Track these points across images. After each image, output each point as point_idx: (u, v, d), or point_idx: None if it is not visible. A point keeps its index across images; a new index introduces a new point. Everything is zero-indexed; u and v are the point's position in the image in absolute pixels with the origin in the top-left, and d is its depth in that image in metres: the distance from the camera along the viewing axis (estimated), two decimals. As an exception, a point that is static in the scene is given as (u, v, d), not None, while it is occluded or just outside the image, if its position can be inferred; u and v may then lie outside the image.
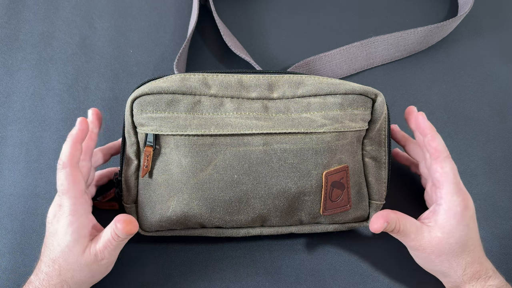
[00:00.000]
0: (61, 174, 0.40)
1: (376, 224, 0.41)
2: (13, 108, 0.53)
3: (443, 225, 0.41)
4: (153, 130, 0.41)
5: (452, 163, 0.41)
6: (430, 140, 0.41)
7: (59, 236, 0.39)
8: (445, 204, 0.41)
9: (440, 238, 0.41)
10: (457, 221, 0.40)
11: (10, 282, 0.46)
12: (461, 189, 0.41)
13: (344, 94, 0.43)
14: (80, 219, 0.40)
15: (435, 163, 0.41)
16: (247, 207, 0.43)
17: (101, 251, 0.40)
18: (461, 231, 0.40)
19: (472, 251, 0.41)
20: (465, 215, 0.41)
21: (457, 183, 0.41)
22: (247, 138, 0.41)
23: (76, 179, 0.40)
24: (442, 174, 0.41)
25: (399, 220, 0.42)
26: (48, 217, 0.41)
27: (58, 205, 0.40)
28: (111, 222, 0.40)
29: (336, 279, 0.48)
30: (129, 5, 0.60)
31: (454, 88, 0.58)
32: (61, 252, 0.39)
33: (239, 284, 0.47)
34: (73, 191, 0.40)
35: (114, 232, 0.40)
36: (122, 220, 0.40)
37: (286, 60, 0.58)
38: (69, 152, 0.40)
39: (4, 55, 0.56)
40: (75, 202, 0.40)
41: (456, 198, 0.40)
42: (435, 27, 0.57)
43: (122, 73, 0.56)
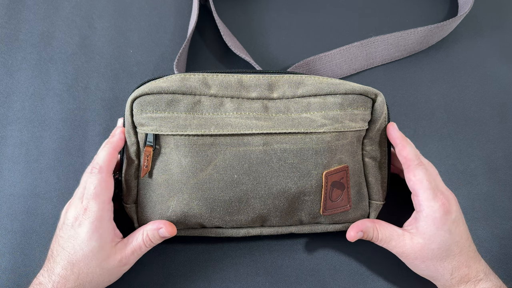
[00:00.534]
0: (95, 178, 0.40)
1: (350, 232, 0.44)
2: (13, 108, 0.53)
3: (424, 232, 0.41)
4: (153, 130, 0.41)
5: (424, 170, 0.42)
6: (400, 149, 0.43)
7: (82, 241, 0.39)
8: (423, 211, 0.41)
9: (422, 244, 0.41)
10: (436, 227, 0.40)
11: (10, 282, 0.46)
12: (439, 194, 0.41)
13: (344, 94, 0.43)
14: (106, 225, 0.40)
15: (407, 172, 0.42)
16: (247, 207, 0.43)
17: (127, 256, 0.41)
18: (442, 236, 0.40)
19: (458, 255, 0.41)
20: (446, 219, 0.40)
21: (433, 189, 0.41)
22: (247, 138, 0.41)
23: (109, 185, 0.41)
24: (415, 182, 0.41)
25: (376, 229, 0.43)
26: (67, 219, 0.40)
27: (83, 208, 0.40)
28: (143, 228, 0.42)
29: (336, 279, 0.48)
30: (129, 5, 0.60)
31: (454, 88, 0.58)
32: (83, 256, 0.39)
33: (239, 284, 0.47)
34: (104, 197, 0.40)
35: (148, 237, 0.42)
36: (163, 223, 0.42)
37: (286, 60, 0.58)
38: (107, 158, 0.41)
39: (4, 55, 0.56)
40: (103, 208, 0.40)
41: (433, 204, 0.40)
42: (435, 27, 0.57)
43: (122, 73, 0.56)
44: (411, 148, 0.43)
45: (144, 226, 0.43)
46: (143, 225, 0.44)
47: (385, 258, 0.49)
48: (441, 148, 0.55)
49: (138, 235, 0.42)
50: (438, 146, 0.55)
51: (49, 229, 0.48)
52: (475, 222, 0.52)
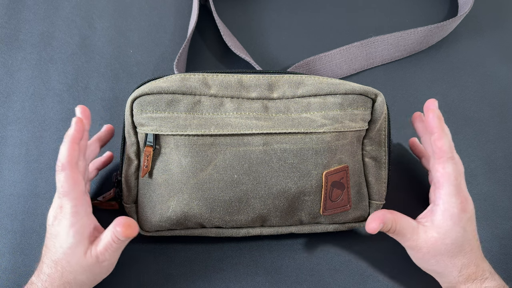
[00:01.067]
0: (61, 176, 0.39)
1: (372, 224, 0.42)
2: (13, 108, 0.53)
3: (440, 226, 0.41)
4: (153, 130, 0.41)
5: (454, 165, 0.41)
6: (436, 139, 0.41)
7: (61, 238, 0.39)
8: (443, 205, 0.41)
9: (436, 238, 0.41)
10: (453, 223, 0.40)
11: (10, 282, 0.46)
12: (460, 192, 0.41)
13: (344, 94, 0.43)
14: (82, 220, 0.40)
15: (437, 162, 0.41)
16: (247, 207, 0.43)
17: (102, 253, 0.40)
18: (457, 232, 0.40)
19: (469, 253, 0.41)
20: (462, 217, 0.40)
21: (457, 185, 0.41)
22: (247, 138, 0.41)
23: (76, 180, 0.40)
24: (443, 174, 0.41)
25: (395, 221, 0.42)
26: (49, 219, 0.40)
27: (59, 207, 0.40)
28: (111, 224, 0.40)
29: (336, 279, 0.48)
30: (129, 5, 0.60)
31: (454, 88, 0.58)
32: (63, 253, 0.39)
33: (239, 284, 0.47)
34: (74, 193, 0.39)
35: (114, 235, 0.40)
36: (121, 223, 0.40)
37: (286, 60, 0.58)
38: (68, 153, 0.39)
39: (4, 55, 0.56)
40: (76, 204, 0.39)
41: (454, 200, 0.40)
42: (435, 27, 0.57)
43: (122, 73, 0.56)
44: (447, 139, 0.41)
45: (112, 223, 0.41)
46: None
47: (385, 258, 0.49)
48: (441, 148, 0.55)
49: (107, 231, 0.40)
50: (438, 146, 0.55)
51: (49, 229, 0.48)
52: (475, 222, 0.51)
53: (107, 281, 0.45)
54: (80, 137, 0.41)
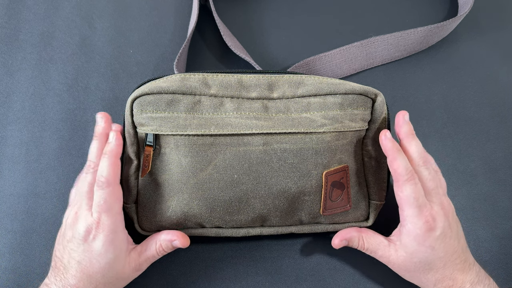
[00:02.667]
0: (104, 192, 0.39)
1: (335, 240, 0.45)
2: (13, 108, 0.53)
3: (406, 246, 0.41)
4: (153, 130, 0.41)
5: (412, 186, 0.40)
6: (391, 161, 0.41)
7: (98, 254, 0.39)
8: (406, 226, 0.41)
9: (404, 257, 0.41)
10: (418, 243, 0.40)
11: (10, 282, 0.46)
12: (423, 212, 0.40)
13: (344, 94, 0.43)
14: (120, 235, 0.40)
15: (395, 185, 0.41)
16: (247, 207, 0.43)
17: (141, 263, 0.42)
18: (423, 252, 0.40)
19: (442, 269, 0.41)
20: (428, 236, 0.40)
21: (419, 206, 0.40)
22: (247, 138, 0.41)
23: (118, 197, 0.40)
24: (401, 197, 0.40)
25: (362, 238, 0.44)
26: (79, 233, 0.39)
27: (95, 222, 0.39)
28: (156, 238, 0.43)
29: (336, 279, 0.48)
30: (129, 5, 0.60)
31: (454, 88, 0.58)
32: (100, 268, 0.39)
33: (239, 284, 0.47)
34: (115, 209, 0.40)
35: (161, 247, 0.42)
36: (176, 235, 0.42)
37: (286, 60, 0.58)
38: (111, 169, 0.40)
39: (4, 55, 0.56)
40: (116, 220, 0.40)
41: (416, 221, 0.40)
42: (435, 27, 0.57)
43: (122, 73, 0.56)
44: (402, 161, 0.40)
45: (157, 235, 0.43)
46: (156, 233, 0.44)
47: (385, 258, 0.49)
48: (441, 148, 0.55)
49: (151, 244, 0.42)
50: (438, 146, 0.55)
51: (49, 229, 0.48)
52: (475, 222, 0.52)
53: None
54: (120, 152, 0.42)
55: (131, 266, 0.41)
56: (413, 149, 0.42)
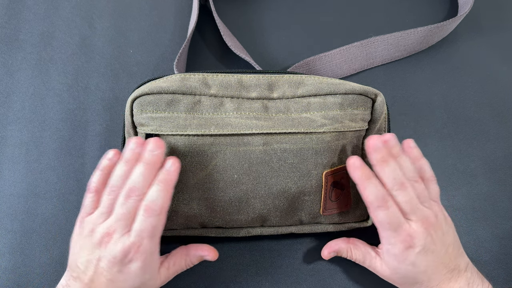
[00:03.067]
0: (155, 220, 0.38)
1: (324, 251, 0.46)
2: (13, 108, 0.53)
3: (388, 262, 0.42)
4: (153, 130, 0.41)
5: (384, 212, 0.39)
6: (361, 190, 0.41)
7: (135, 275, 0.38)
8: (385, 246, 0.42)
9: (388, 272, 0.43)
10: (398, 262, 0.41)
11: (10, 282, 0.46)
12: (401, 232, 0.39)
13: (344, 94, 0.43)
14: (155, 256, 0.40)
15: (369, 211, 0.41)
16: (247, 207, 0.43)
17: (169, 277, 0.43)
18: (404, 269, 0.41)
19: (427, 281, 0.41)
20: (408, 255, 0.40)
21: (394, 229, 0.39)
22: (247, 138, 0.41)
23: (163, 224, 0.40)
24: (375, 222, 0.41)
25: (350, 250, 0.45)
26: (115, 256, 0.38)
27: (136, 246, 0.38)
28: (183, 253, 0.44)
29: (336, 279, 0.48)
30: (129, 5, 0.60)
31: (454, 88, 0.58)
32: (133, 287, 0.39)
33: (239, 284, 0.47)
34: (158, 235, 0.40)
35: (191, 262, 0.44)
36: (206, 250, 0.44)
37: (286, 60, 0.58)
38: (166, 198, 0.39)
39: (4, 55, 0.56)
40: (156, 244, 0.40)
41: (393, 242, 0.40)
42: (435, 27, 0.57)
43: (122, 73, 0.56)
44: (372, 188, 0.40)
45: (185, 250, 0.44)
46: (182, 247, 0.45)
47: (385, 258, 0.49)
48: (441, 148, 0.55)
49: (180, 260, 0.44)
50: (438, 146, 0.55)
51: (49, 229, 0.48)
52: (475, 222, 0.52)
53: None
54: (176, 179, 0.40)
55: (161, 280, 0.42)
56: (386, 175, 0.40)
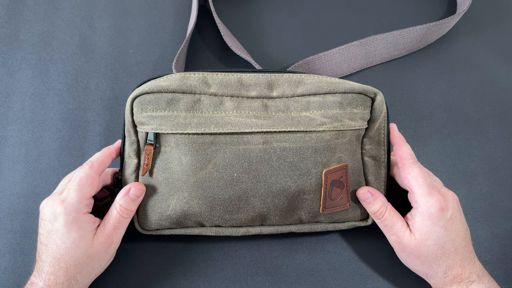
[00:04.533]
0: (83, 171, 0.41)
1: (360, 191, 0.45)
2: (13, 108, 0.53)
3: (420, 227, 0.41)
4: (153, 129, 0.41)
5: (419, 168, 0.43)
6: (397, 149, 0.44)
7: (62, 234, 0.39)
8: (420, 207, 0.41)
9: (418, 240, 0.41)
10: (432, 222, 0.41)
11: (10, 282, 0.46)
12: (434, 191, 0.41)
13: (344, 93, 0.43)
14: (83, 217, 0.40)
15: (402, 170, 0.43)
16: (247, 206, 0.43)
17: (110, 235, 0.41)
18: (437, 232, 0.41)
19: (453, 254, 0.41)
20: (442, 216, 0.41)
21: (428, 185, 0.41)
22: (247, 136, 0.41)
23: (94, 183, 0.41)
24: (410, 179, 0.42)
25: (386, 207, 0.43)
26: (45, 215, 0.40)
27: (60, 200, 0.39)
28: (114, 202, 0.42)
29: (336, 279, 0.48)
30: (129, 5, 0.60)
31: (454, 88, 0.58)
32: (66, 249, 0.39)
33: (239, 284, 0.47)
34: (85, 191, 0.40)
35: (122, 207, 0.41)
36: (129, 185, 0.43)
37: (286, 59, 0.59)
38: (101, 158, 0.43)
39: (4, 55, 0.56)
40: (81, 201, 0.40)
41: (429, 199, 0.41)
42: (433, 25, 0.57)
43: (122, 73, 0.56)
44: (407, 147, 0.44)
45: (115, 200, 0.43)
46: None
47: (385, 258, 0.49)
48: (441, 148, 0.55)
49: (113, 210, 0.42)
50: (438, 146, 0.55)
51: (49, 229, 0.48)
52: (475, 222, 0.51)
53: (107, 281, 0.45)
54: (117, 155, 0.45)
55: (100, 241, 0.40)
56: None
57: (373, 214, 0.44)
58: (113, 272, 0.46)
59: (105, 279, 0.45)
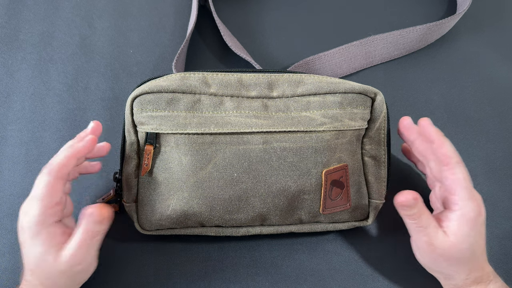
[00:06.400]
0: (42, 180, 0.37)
1: (403, 197, 0.40)
2: (13, 108, 0.53)
3: (456, 231, 0.40)
4: (153, 128, 0.41)
5: (463, 168, 0.40)
6: (439, 146, 0.41)
7: (29, 247, 0.37)
8: (459, 211, 0.40)
9: (453, 243, 0.40)
10: (470, 228, 0.39)
11: (10, 282, 0.46)
12: (474, 195, 0.40)
13: (344, 93, 0.43)
14: (48, 229, 0.37)
15: (446, 169, 0.40)
16: (247, 206, 0.43)
17: (74, 254, 0.38)
18: (473, 237, 0.40)
19: (479, 257, 0.41)
20: (478, 221, 0.40)
21: (469, 188, 0.40)
22: (247, 136, 0.42)
23: (55, 190, 0.37)
24: (453, 180, 0.40)
25: (422, 208, 0.40)
26: (18, 225, 0.38)
27: (24, 212, 0.37)
28: (79, 220, 0.39)
29: (336, 279, 0.48)
30: (129, 5, 0.60)
31: (454, 88, 0.58)
32: (35, 262, 0.38)
33: (239, 284, 0.47)
34: (46, 201, 0.37)
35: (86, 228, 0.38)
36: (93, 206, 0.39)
37: (286, 59, 0.59)
38: (63, 161, 0.38)
39: (4, 55, 0.56)
40: (44, 212, 0.37)
41: (470, 204, 0.39)
42: (433, 25, 0.57)
43: (122, 73, 0.56)
44: (450, 144, 0.41)
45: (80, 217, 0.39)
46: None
47: (385, 258, 0.49)
48: (441, 148, 0.55)
49: (77, 228, 0.39)
50: (438, 146, 0.55)
51: (49, 229, 0.48)
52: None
53: (107, 281, 0.45)
54: (83, 155, 0.40)
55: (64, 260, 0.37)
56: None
57: (409, 216, 0.41)
58: (113, 272, 0.46)
59: (105, 279, 0.44)
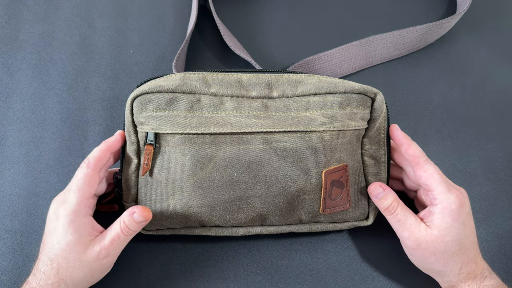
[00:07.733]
0: (81, 172, 0.41)
1: (374, 185, 0.45)
2: (13, 108, 0.53)
3: (439, 224, 0.41)
4: (153, 128, 0.41)
5: (433, 165, 0.42)
6: (407, 148, 0.44)
7: (59, 234, 0.39)
8: (440, 204, 0.41)
9: (436, 235, 0.41)
10: (452, 219, 0.40)
11: (10, 282, 0.46)
12: (452, 187, 0.42)
13: (344, 93, 0.43)
14: (82, 219, 0.40)
15: (417, 169, 0.43)
16: (247, 206, 0.43)
17: (107, 247, 0.40)
18: (457, 229, 0.40)
19: (469, 250, 0.41)
20: (461, 212, 0.41)
21: (445, 182, 0.42)
22: (247, 136, 0.42)
23: (92, 181, 0.41)
24: (427, 177, 0.42)
25: (398, 201, 0.43)
26: (49, 214, 0.40)
27: (62, 201, 0.40)
28: (120, 217, 0.41)
29: (336, 279, 0.48)
30: (129, 5, 0.60)
31: (454, 88, 0.58)
32: (60, 250, 0.39)
33: (239, 284, 0.47)
34: (84, 191, 0.40)
35: (125, 225, 0.41)
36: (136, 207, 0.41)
37: (286, 59, 0.59)
38: (98, 155, 0.42)
39: (4, 55, 0.56)
40: (81, 202, 0.40)
41: (449, 196, 0.41)
42: (433, 25, 0.57)
43: (122, 73, 0.56)
44: (416, 146, 0.44)
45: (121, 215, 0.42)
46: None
47: (385, 258, 0.49)
48: (441, 148, 0.55)
49: (116, 224, 0.41)
50: (438, 146, 0.55)
51: (49, 229, 0.48)
52: (475, 222, 0.51)
53: (107, 281, 0.45)
54: (115, 148, 0.44)
55: (95, 250, 0.40)
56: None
57: (385, 210, 0.43)
58: (113, 272, 0.46)
59: (105, 279, 0.44)
